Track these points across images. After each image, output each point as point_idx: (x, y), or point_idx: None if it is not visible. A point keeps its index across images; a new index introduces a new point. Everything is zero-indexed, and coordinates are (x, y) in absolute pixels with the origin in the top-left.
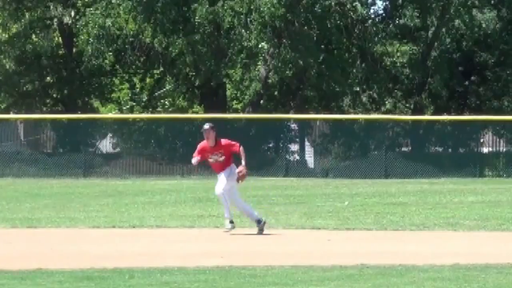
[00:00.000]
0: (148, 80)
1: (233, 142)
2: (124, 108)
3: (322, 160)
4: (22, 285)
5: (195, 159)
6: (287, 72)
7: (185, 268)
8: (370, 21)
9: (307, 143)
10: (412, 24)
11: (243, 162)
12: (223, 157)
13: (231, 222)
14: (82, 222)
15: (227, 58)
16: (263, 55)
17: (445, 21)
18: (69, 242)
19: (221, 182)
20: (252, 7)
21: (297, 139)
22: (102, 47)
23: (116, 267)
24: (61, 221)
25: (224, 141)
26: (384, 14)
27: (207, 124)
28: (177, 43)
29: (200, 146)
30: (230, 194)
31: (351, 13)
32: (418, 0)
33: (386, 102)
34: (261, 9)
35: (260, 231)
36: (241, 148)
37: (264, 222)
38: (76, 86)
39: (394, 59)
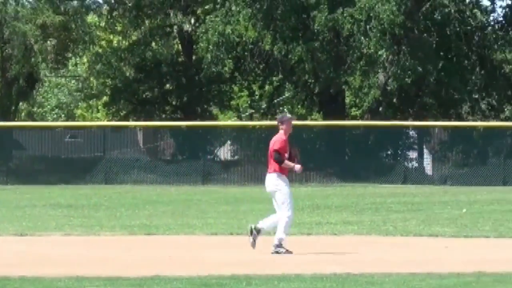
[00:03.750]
0: (267, 87)
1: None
2: (243, 115)
3: (440, 168)
4: None
5: (297, 166)
6: (406, 79)
7: (302, 275)
8: (489, 28)
9: (425, 150)
10: None
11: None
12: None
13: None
14: (200, 229)
15: (346, 66)
16: (382, 62)
17: None
18: (187, 249)
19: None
20: (371, 15)
21: (416, 146)
22: (222, 54)
23: (234, 274)
24: (179, 228)
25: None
26: (503, 21)
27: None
28: (296, 50)
29: (282, 141)
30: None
31: (471, 20)
32: None
33: (505, 109)
34: (380, 16)
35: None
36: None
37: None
38: (196, 93)
39: None
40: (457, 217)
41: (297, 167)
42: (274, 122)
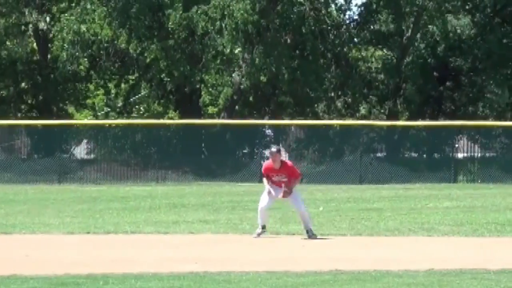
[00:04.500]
0: (123, 85)
1: (296, 170)
2: (99, 114)
3: (297, 166)
4: None
5: (267, 187)
6: (261, 77)
7: (160, 274)
8: (345, 26)
9: (282, 149)
10: (386, 30)
11: (290, 184)
12: (286, 178)
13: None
14: (57, 228)
15: (201, 64)
16: (237, 60)
17: (419, 27)
18: (44, 248)
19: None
20: (225, 13)
21: (272, 145)
22: (77, 53)
23: (91, 273)
24: (35, 227)
25: (289, 164)
26: (359, 20)
27: (274, 147)
28: (151, 49)
29: (266, 165)
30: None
31: (326, 19)
32: (392, 6)
33: (361, 108)
34: (234, 14)
35: (312, 237)
36: (300, 178)
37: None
38: (51, 92)
39: (369, 64)
40: (314, 216)
41: (266, 187)
42: (130, 121)
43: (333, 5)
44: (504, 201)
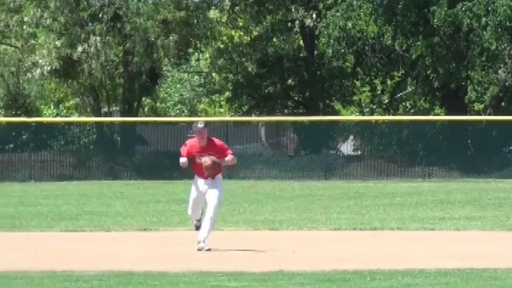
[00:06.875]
0: (389, 82)
1: (227, 147)
2: (365, 110)
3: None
4: (263, 287)
5: (183, 160)
6: None
7: (426, 270)
8: None
9: None
10: None
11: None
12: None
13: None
14: (324, 224)
15: (466, 60)
16: (503, 57)
17: None
18: (311, 244)
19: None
20: (489, 9)
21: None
22: (343, 49)
23: (357, 269)
24: (302, 223)
25: (217, 141)
26: None
27: (201, 122)
28: (417, 45)
29: (189, 144)
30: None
31: None
32: None
33: None
34: (498, 11)
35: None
36: (234, 156)
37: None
38: (318, 88)
39: None
40: None
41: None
42: (396, 117)
43: None
44: None
